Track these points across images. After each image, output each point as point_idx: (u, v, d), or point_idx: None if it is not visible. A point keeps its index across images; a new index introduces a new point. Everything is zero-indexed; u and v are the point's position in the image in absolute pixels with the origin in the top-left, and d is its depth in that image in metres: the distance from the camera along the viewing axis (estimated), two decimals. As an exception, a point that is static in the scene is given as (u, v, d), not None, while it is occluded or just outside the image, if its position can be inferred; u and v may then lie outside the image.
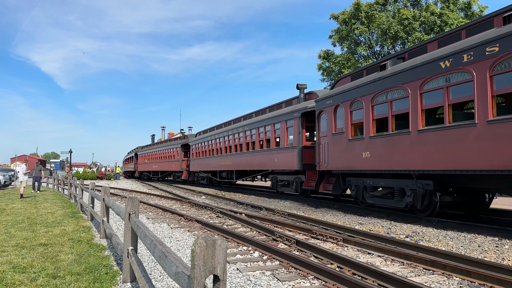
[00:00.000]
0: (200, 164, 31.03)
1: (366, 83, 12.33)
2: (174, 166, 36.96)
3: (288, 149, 17.69)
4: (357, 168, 12.72)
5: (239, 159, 23.46)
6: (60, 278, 5.16)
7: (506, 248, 7.25)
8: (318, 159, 14.97)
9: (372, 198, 12.60)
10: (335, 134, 13.93)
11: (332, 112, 14.19)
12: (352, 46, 34.01)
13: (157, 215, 12.28)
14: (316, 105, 15.52)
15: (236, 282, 5.19)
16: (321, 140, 14.92)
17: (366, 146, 12.24)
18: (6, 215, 11.80)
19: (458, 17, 29.04)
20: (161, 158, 41.45)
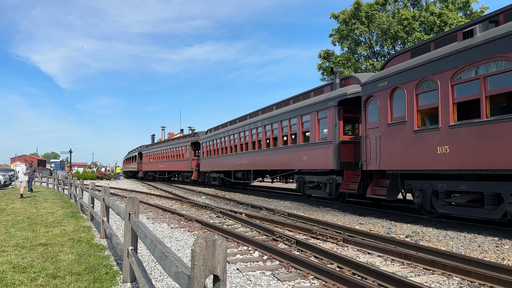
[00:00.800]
0: (211, 163, 28.67)
1: (442, 56, 9.58)
2: (183, 165, 34.67)
3: (320, 145, 15.04)
4: (427, 167, 9.99)
5: (257, 158, 20.99)
6: (60, 278, 5.16)
7: (506, 248, 7.25)
8: (365, 157, 12.32)
9: (446, 206, 9.77)
10: (392, 125, 11.23)
11: (387, 96, 11.41)
12: (352, 46, 34.02)
13: (157, 215, 12.28)
14: (362, 90, 12.70)
15: (236, 282, 5.19)
16: (369, 132, 12.27)
17: (443, 139, 9.51)
18: (6, 215, 11.80)
19: (458, 17, 29.06)
20: (168, 157, 39.24)
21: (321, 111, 15.11)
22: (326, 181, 15.15)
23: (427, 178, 10.53)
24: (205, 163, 30.09)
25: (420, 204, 10.58)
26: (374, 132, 12.09)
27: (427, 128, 10.16)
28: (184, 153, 34.65)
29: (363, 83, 12.68)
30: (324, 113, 14.95)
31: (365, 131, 12.52)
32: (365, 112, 12.55)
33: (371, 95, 12.25)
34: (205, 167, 30.14)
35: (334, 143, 14.16)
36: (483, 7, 29.59)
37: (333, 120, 14.27)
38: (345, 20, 32.90)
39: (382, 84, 11.76)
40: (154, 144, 47.92)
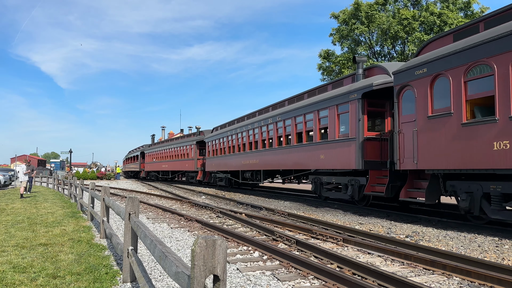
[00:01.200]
0: (217, 163, 27.26)
1: (500, 36, 8.23)
2: (188, 165, 33.03)
3: (341, 142, 13.73)
4: (479, 166, 8.66)
5: (268, 157, 19.63)
6: (60, 278, 5.16)
7: (506, 248, 7.25)
8: (398, 154, 11.01)
9: (500, 212, 8.54)
10: (434, 117, 9.85)
11: (426, 85, 10.07)
12: (352, 46, 34.03)
13: (157, 215, 12.28)
14: (395, 79, 11.34)
15: (236, 282, 5.19)
16: (403, 127, 10.95)
17: (501, 132, 8.20)
18: (6, 215, 11.80)
19: (458, 17, 29.07)
20: (172, 156, 37.67)
21: (342, 105, 13.75)
22: (347, 182, 13.76)
23: (477, 178, 9.24)
24: (211, 163, 28.67)
25: (467, 208, 9.24)
26: (409, 127, 10.73)
27: (479, 121, 8.74)
28: (189, 152, 33.04)
29: (396, 71, 11.33)
30: (345, 107, 13.61)
31: (398, 125, 11.16)
32: (398, 104, 11.16)
33: (406, 85, 10.90)
34: (211, 167, 28.71)
35: (357, 140, 12.84)
36: (483, 7, 29.61)
37: (356, 114, 12.90)
38: (345, 20, 32.91)
39: (420, 71, 10.37)
40: (157, 144, 46.23)
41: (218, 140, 27.47)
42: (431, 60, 10.01)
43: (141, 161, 50.09)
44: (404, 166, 10.93)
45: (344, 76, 15.15)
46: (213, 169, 28.23)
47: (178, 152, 36.00)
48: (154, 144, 47.66)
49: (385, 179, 12.16)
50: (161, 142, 46.73)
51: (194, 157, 31.81)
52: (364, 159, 12.66)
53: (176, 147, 36.69)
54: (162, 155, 41.17)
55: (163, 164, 40.58)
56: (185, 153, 33.92)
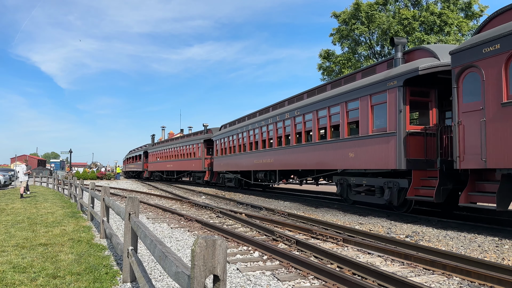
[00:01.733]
0: (226, 163, 25.60)
1: None
2: (195, 165, 31.12)
3: (376, 138, 11.93)
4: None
5: (285, 156, 17.77)
6: (60, 278, 5.16)
7: (506, 248, 7.25)
8: (458, 151, 9.31)
9: None
10: (509, 105, 8.23)
11: (500, 65, 8.40)
12: (352, 46, 34.04)
13: (157, 215, 12.28)
14: (453, 60, 9.64)
15: (236, 282, 5.19)
16: (464, 118, 9.24)
17: None
18: (6, 215, 11.81)
19: (458, 17, 29.07)
20: (177, 156, 35.74)
21: (377, 95, 11.98)
22: (383, 185, 11.99)
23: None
24: (219, 163, 26.97)
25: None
26: (474, 117, 9.00)
27: None
28: (195, 151, 31.24)
29: (456, 50, 9.64)
30: (381, 97, 11.86)
31: (457, 115, 9.44)
32: (457, 90, 9.48)
33: (469, 66, 9.18)
34: (219, 167, 27.03)
35: (397, 136, 11.10)
36: (482, 6, 29.63)
37: (396, 105, 11.14)
38: (345, 20, 32.92)
39: (490, 48, 8.72)
40: (162, 142, 44.21)
41: (228, 138, 25.79)
42: (508, 33, 8.27)
43: (144, 161, 48.01)
44: (465, 165, 9.21)
45: (377, 63, 13.25)
46: (222, 169, 26.59)
47: (184, 151, 34.17)
48: (158, 143, 45.77)
49: (432, 181, 10.51)
50: (166, 140, 44.11)
51: (202, 157, 29.98)
52: (406, 158, 10.89)
53: (182, 146, 34.86)
54: (166, 155, 39.31)
55: (167, 164, 38.71)
56: (192, 152, 32.13)
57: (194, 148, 31.76)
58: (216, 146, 27.85)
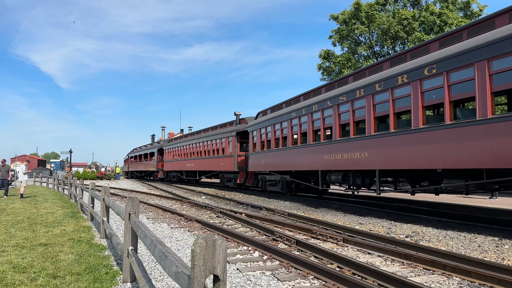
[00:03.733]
0: (270, 160, 19.47)
1: None
2: (224, 164, 25.29)
3: None
4: None
5: (392, 150, 11.16)
6: (60, 278, 5.16)
7: (506, 248, 7.25)
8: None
9: None
10: None
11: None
12: (352, 46, 34.04)
13: (157, 215, 12.28)
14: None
15: (236, 282, 5.19)
16: None
17: None
18: (6, 215, 11.80)
19: (458, 17, 29.07)
20: (201, 153, 29.92)
21: None
22: None
23: None
24: (257, 161, 21.03)
25: None
26: None
27: None
28: (225, 146, 25.34)
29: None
30: None
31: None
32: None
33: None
34: (257, 166, 21.16)
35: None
36: (481, 5, 29.62)
37: None
38: (345, 20, 32.93)
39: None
40: (180, 138, 37.83)
41: (271, 127, 19.44)
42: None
43: (159, 159, 41.38)
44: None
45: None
46: (262, 168, 20.64)
47: (209, 147, 28.31)
48: (175, 138, 39.38)
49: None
50: (185, 135, 37.37)
51: (234, 153, 24.14)
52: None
53: (206, 141, 28.95)
54: (186, 152, 33.32)
55: (187, 163, 32.72)
56: (220, 148, 26.28)
57: (223, 142, 25.79)
58: (253, 139, 21.76)
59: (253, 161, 21.74)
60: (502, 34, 8.34)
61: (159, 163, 41.47)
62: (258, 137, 21.13)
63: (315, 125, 15.48)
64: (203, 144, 29.59)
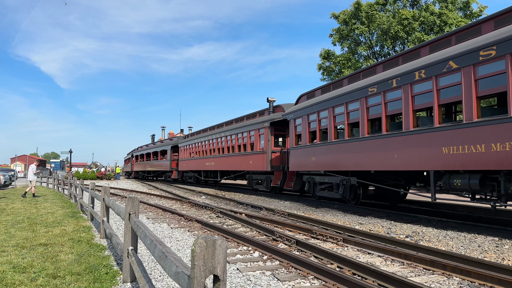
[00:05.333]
0: (325, 158, 14.74)
1: None
2: (254, 162, 20.88)
3: None
4: None
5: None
6: (60, 278, 5.16)
7: (506, 248, 7.25)
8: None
9: None
10: None
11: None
12: (352, 46, 34.03)
13: (157, 215, 12.28)
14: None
15: (236, 282, 5.19)
16: None
17: None
18: (6, 215, 11.80)
19: (457, 17, 29.07)
20: (223, 150, 25.62)
21: None
22: None
23: None
24: (303, 157, 16.35)
25: None
26: None
27: None
28: (255, 141, 21.10)
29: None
30: None
31: None
32: None
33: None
34: (302, 165, 16.50)
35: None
36: (481, 6, 29.60)
37: None
38: (345, 20, 32.93)
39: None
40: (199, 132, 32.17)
41: (329, 111, 14.47)
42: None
43: (172, 158, 36.90)
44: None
45: None
46: (310, 168, 15.95)
47: (234, 142, 23.96)
48: (192, 134, 34.42)
49: None
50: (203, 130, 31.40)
51: (266, 149, 19.76)
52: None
53: (230, 135, 24.56)
54: (206, 149, 28.99)
55: (207, 161, 28.38)
56: (248, 144, 22.14)
57: (252, 136, 21.67)
58: (296, 130, 17.16)
59: (296, 158, 17.01)
60: None
61: (172, 162, 37.00)
62: (305, 127, 16.32)
63: (420, 102, 10.65)
64: (226, 139, 25.24)
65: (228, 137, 24.89)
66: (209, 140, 28.31)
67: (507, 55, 8.24)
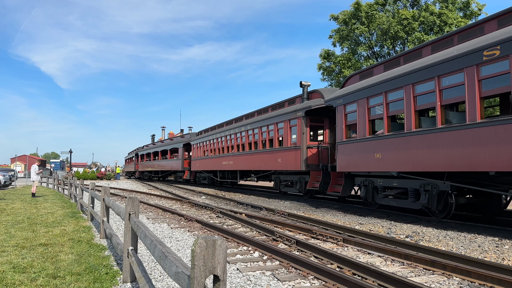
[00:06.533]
0: (393, 155, 11.18)
1: None
2: (284, 160, 17.51)
3: None
4: None
5: None
6: (60, 278, 5.15)
7: (506, 248, 7.25)
8: None
9: None
10: None
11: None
12: (352, 46, 34.04)
13: (157, 215, 12.28)
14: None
15: (236, 282, 5.19)
16: None
17: None
18: (6, 215, 11.80)
19: (457, 17, 29.08)
20: (243, 146, 22.42)
21: None
22: None
23: None
24: (359, 155, 12.64)
25: None
26: None
27: None
28: (285, 134, 17.57)
29: None
30: None
31: None
32: None
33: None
34: (358, 164, 12.78)
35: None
36: (480, 5, 29.61)
37: None
38: (345, 20, 32.93)
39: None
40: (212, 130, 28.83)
41: (402, 91, 10.81)
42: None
43: (184, 157, 34.08)
44: None
45: None
46: (368, 167, 12.30)
47: (258, 136, 20.55)
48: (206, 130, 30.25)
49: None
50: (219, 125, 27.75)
51: (301, 143, 16.19)
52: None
53: (252, 129, 21.17)
54: (223, 146, 25.79)
55: (224, 160, 25.22)
56: (276, 138, 18.70)
57: (280, 129, 18.19)
58: (346, 119, 13.42)
59: (346, 155, 13.27)
60: None
61: (184, 161, 33.95)
62: (362, 114, 12.34)
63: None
64: (247, 134, 21.84)
65: (250, 131, 21.42)
66: (226, 136, 25.05)
67: None
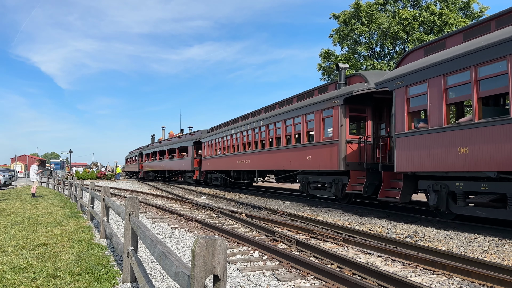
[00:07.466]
0: (492, 149, 8.09)
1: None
2: (314, 158, 14.84)
3: None
4: None
5: None
6: (60, 278, 5.15)
7: (506, 248, 7.25)
8: None
9: None
10: None
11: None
12: (352, 46, 34.04)
13: (157, 215, 12.28)
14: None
15: (236, 282, 5.19)
16: None
17: None
18: (6, 215, 11.80)
19: (458, 17, 29.06)
20: (262, 143, 19.78)
21: None
22: None
23: None
24: (432, 151, 9.75)
25: None
26: None
27: None
28: (316, 127, 14.91)
29: None
30: None
31: None
32: None
33: None
34: (427, 163, 9.93)
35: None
36: (483, 6, 29.59)
37: None
38: (345, 20, 32.93)
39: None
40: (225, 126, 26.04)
41: (504, 63, 7.98)
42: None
43: (194, 156, 31.83)
44: None
45: None
46: (445, 167, 9.43)
47: (280, 131, 17.76)
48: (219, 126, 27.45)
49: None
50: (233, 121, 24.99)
51: (338, 138, 13.49)
52: None
53: (274, 123, 18.37)
54: (238, 143, 23.13)
55: (239, 159, 22.53)
56: (304, 132, 15.88)
57: (308, 122, 15.57)
58: (408, 105, 10.66)
59: (410, 151, 10.51)
60: None
61: (195, 161, 31.70)
62: (436, 97, 9.72)
63: None
64: (267, 129, 19.04)
65: (271, 125, 18.56)
66: (242, 132, 22.21)
67: None
